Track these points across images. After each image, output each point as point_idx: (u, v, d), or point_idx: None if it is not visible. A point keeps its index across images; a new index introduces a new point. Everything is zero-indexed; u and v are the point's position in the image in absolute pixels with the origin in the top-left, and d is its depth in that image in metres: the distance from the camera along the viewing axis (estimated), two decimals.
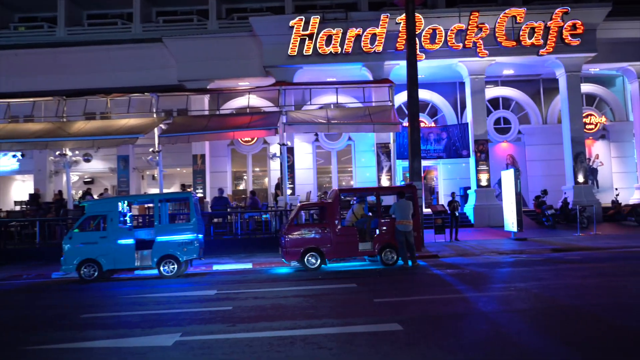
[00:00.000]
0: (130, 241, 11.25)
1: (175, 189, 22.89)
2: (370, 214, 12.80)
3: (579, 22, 18.83)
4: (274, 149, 20.59)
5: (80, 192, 21.09)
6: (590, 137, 21.72)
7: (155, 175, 20.88)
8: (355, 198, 13.06)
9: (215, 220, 16.25)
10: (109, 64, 20.42)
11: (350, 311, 6.60)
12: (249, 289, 8.84)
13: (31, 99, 18.20)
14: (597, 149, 22.29)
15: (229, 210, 15.93)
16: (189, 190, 16.83)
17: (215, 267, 12.40)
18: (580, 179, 19.55)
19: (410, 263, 11.23)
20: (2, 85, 20.04)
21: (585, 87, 21.66)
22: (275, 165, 20.75)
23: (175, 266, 11.15)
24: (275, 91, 19.36)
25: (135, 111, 18.56)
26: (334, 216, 11.58)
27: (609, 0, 19.10)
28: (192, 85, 19.83)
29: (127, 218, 12.18)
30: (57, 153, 17.37)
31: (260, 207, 16.23)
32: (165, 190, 19.77)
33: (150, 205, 15.63)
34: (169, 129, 16.70)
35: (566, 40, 18.92)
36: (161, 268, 11.14)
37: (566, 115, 19.97)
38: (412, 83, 15.33)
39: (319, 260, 11.34)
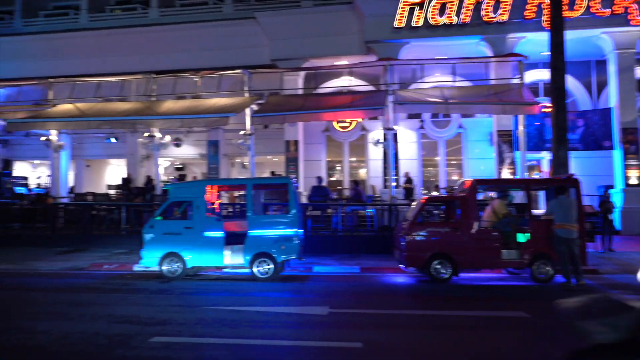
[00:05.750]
0: (219, 234, 9.42)
1: None
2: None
3: None
4: (374, 135, 18.30)
5: (172, 177, 20.20)
6: None
7: (246, 162, 19.38)
8: (496, 192, 10.35)
9: (310, 213, 14.22)
10: (199, 44, 19.13)
11: None
12: (373, 308, 6.58)
13: (121, 78, 17.32)
14: None
15: (328, 202, 13.78)
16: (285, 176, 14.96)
17: (316, 269, 10.32)
18: None
19: (574, 280, 8.44)
20: (94, 65, 19.38)
21: None
22: (375, 155, 18.43)
23: (272, 267, 9.17)
24: (376, 71, 17.09)
25: (226, 92, 17.08)
26: (469, 214, 9.03)
27: None
28: (285, 65, 18.03)
29: (216, 206, 10.39)
30: (146, 135, 16.26)
31: (364, 200, 13.95)
32: None
33: (242, 192, 13.88)
34: (262, 109, 14.92)
35: None
36: (254, 268, 9.22)
37: None
38: (557, 51, 12.27)
39: (450, 270, 8.86)
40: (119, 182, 19.14)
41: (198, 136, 19.66)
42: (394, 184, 15.15)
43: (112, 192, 18.79)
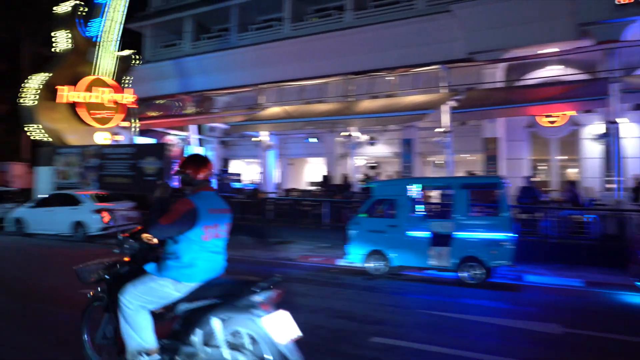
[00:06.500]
0: (425, 234, 9.20)
1: None
2: None
3: None
4: (590, 130, 16.16)
5: (374, 175, 20.74)
6: None
7: (439, 161, 18.88)
8: None
9: (516, 216, 13.03)
10: (392, 43, 19.15)
11: None
12: (617, 333, 5.63)
13: (321, 80, 18.36)
14: None
15: (539, 204, 12.45)
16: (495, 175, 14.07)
17: (528, 279, 9.40)
18: None
19: None
20: (297, 70, 20.84)
21: None
22: (589, 152, 16.28)
23: (482, 272, 8.62)
24: (590, 57, 15.10)
25: (420, 89, 16.83)
26: None
27: None
28: (484, 57, 16.93)
29: (420, 205, 10.19)
30: (344, 134, 16.94)
31: (581, 203, 12.32)
32: None
33: (442, 191, 13.46)
34: (462, 105, 14.30)
35: None
36: (461, 273, 8.77)
37: None
38: None
39: None
40: (319, 179, 20.30)
41: (391, 135, 19.79)
42: (615, 185, 13.09)
43: (312, 188, 20.03)
